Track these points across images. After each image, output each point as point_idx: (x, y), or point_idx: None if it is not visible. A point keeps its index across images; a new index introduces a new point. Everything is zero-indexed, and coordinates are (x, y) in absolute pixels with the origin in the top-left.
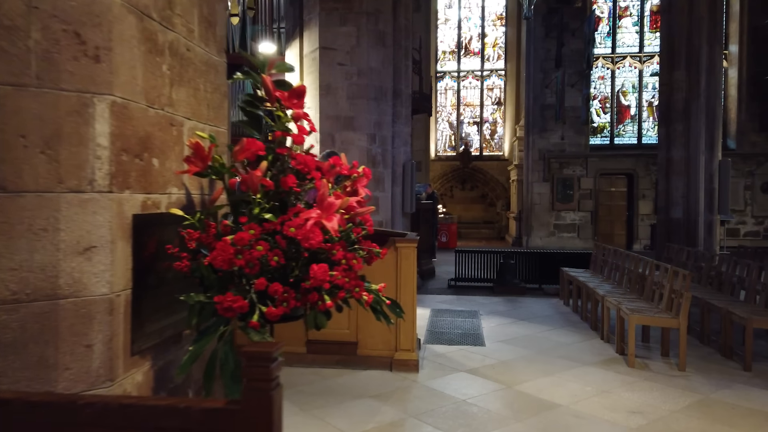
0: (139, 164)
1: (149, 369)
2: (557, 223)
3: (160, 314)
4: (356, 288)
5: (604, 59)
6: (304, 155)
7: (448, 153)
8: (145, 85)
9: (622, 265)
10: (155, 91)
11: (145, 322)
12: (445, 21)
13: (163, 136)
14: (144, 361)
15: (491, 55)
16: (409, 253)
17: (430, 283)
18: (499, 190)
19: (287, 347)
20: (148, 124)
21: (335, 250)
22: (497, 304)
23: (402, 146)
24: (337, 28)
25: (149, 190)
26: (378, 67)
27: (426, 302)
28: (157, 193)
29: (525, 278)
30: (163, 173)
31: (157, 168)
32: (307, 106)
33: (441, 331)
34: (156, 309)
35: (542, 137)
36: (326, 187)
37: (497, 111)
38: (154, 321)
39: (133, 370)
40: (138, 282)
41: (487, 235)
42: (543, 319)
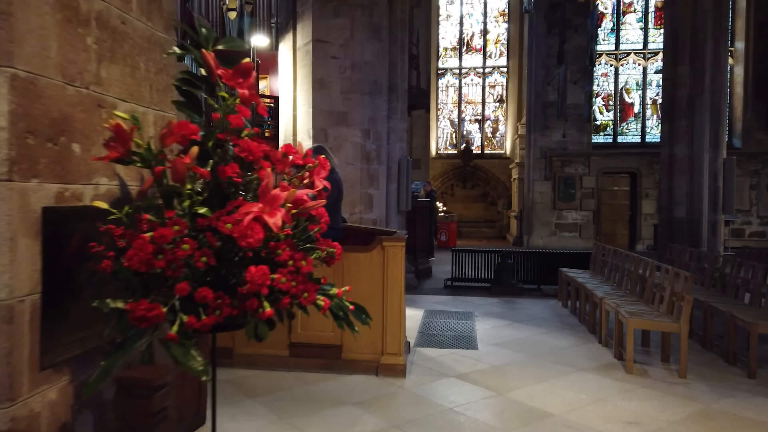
0: (52, 149)
1: (67, 385)
2: (559, 222)
3: (84, 321)
4: (304, 293)
5: (608, 56)
6: (249, 141)
7: (449, 151)
8: (62, 59)
9: (622, 266)
10: (76, 66)
11: (61, 331)
12: (446, 17)
13: (87, 118)
14: (60, 376)
15: (493, 52)
16: (396, 253)
17: (426, 282)
18: (500, 188)
19: (269, 350)
20: (65, 104)
21: (280, 250)
22: (493, 305)
23: (397, 142)
24: (331, 20)
25: (67, 180)
26: (373, 60)
27: (420, 303)
28: (79, 183)
29: (523, 278)
30: (87, 161)
31: (78, 154)
32: (301, 101)
33: (433, 334)
34: (78, 315)
35: (544, 135)
36: (270, 178)
37: (499, 108)
38: (74, 329)
39: (44, 386)
40: (51, 285)
41: (488, 234)
42: (539, 322)
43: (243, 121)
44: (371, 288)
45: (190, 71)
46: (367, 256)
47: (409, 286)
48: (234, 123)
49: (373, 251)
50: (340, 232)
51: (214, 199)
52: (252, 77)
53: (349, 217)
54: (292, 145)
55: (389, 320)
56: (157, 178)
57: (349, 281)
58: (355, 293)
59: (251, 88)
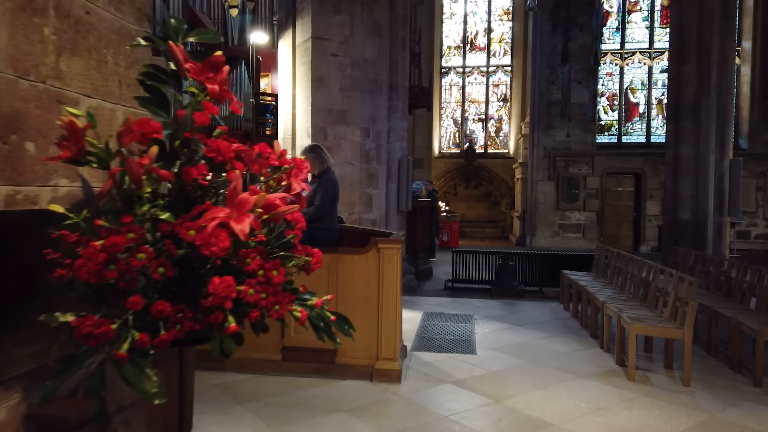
0: (1, 148)
1: (18, 403)
2: (562, 223)
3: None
4: (275, 306)
5: (613, 55)
6: (218, 141)
7: (452, 150)
8: (14, 50)
9: (625, 269)
10: (31, 58)
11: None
12: (450, 15)
13: (43, 115)
14: (9, 394)
15: (497, 51)
16: (392, 255)
17: (426, 284)
18: (503, 188)
19: (261, 354)
20: (18, 99)
21: (249, 259)
22: (494, 308)
23: (398, 141)
24: (331, 17)
25: (20, 181)
26: (373, 58)
27: (419, 305)
28: (34, 184)
29: (524, 280)
30: (44, 161)
31: (32, 154)
32: (300, 99)
33: (431, 337)
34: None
35: (547, 135)
36: (239, 180)
37: (503, 108)
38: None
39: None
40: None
41: (491, 234)
42: (540, 325)
43: (209, 119)
44: (366, 291)
45: (155, 65)
46: (363, 258)
47: (408, 287)
48: (198, 121)
49: (368, 253)
50: (336, 233)
51: (180, 204)
52: (224, 72)
53: (348, 217)
54: (290, 144)
55: (384, 324)
56: (116, 181)
57: (343, 284)
58: (349, 296)
59: (223, 83)
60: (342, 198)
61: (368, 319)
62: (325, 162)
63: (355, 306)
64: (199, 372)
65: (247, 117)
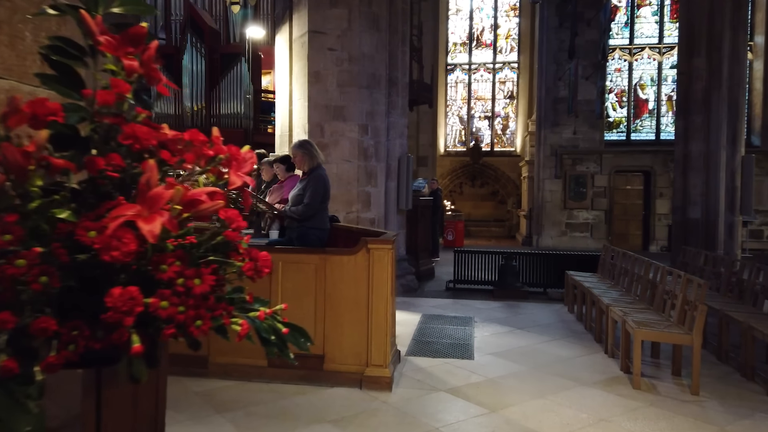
0: None
1: None
2: (569, 222)
3: None
4: (197, 321)
5: (621, 50)
6: (136, 126)
7: (458, 148)
8: None
9: (632, 270)
10: None
11: None
12: (456, 11)
13: None
14: None
15: (504, 47)
16: (382, 256)
17: (427, 285)
18: (510, 187)
19: (246, 359)
20: None
21: (165, 265)
22: (495, 310)
23: (397, 138)
24: (328, 10)
25: None
26: (371, 52)
27: (419, 306)
28: None
29: (528, 281)
30: None
31: None
32: (296, 95)
33: (428, 341)
34: None
35: (554, 132)
36: (153, 172)
37: (509, 105)
38: None
39: None
40: None
41: (497, 233)
42: (543, 329)
43: (114, 98)
44: (355, 294)
45: (62, 37)
46: (351, 259)
47: (408, 288)
48: (101, 100)
49: (357, 254)
50: (326, 232)
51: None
52: (151, 48)
53: (346, 216)
54: (287, 141)
55: (375, 329)
56: None
57: (331, 286)
58: (338, 299)
59: (150, 61)
60: (340, 196)
61: (357, 323)
62: (315, 158)
63: (344, 309)
64: (182, 378)
65: (247, 115)
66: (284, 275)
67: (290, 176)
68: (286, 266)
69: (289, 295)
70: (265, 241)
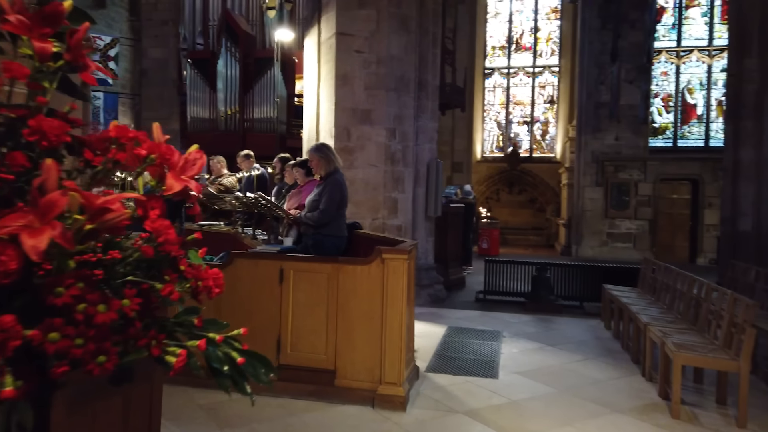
0: None
1: None
2: (611, 231)
3: None
4: (99, 357)
5: (668, 53)
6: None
7: (495, 154)
8: None
9: (673, 286)
10: None
11: None
12: (494, 14)
13: None
14: None
15: (544, 51)
16: (398, 266)
17: (457, 295)
18: (549, 194)
19: None
20: None
21: (62, 288)
22: (526, 324)
23: (426, 143)
24: (356, 11)
25: None
26: (400, 54)
27: (445, 318)
28: None
29: (563, 294)
30: None
31: None
32: (323, 99)
33: (451, 356)
34: None
35: (595, 138)
36: (51, 173)
37: (549, 110)
38: None
39: None
40: None
41: (535, 242)
42: (576, 346)
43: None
44: (369, 306)
45: None
46: (365, 269)
47: (436, 298)
48: None
49: (371, 264)
50: (343, 240)
51: None
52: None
53: (372, 222)
54: None
55: (389, 345)
56: None
57: (344, 298)
58: (350, 312)
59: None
60: (365, 202)
61: (371, 337)
62: (332, 162)
63: (357, 322)
64: (188, 388)
65: (280, 119)
66: (295, 285)
67: (309, 181)
68: (298, 275)
69: (300, 306)
70: (277, 248)
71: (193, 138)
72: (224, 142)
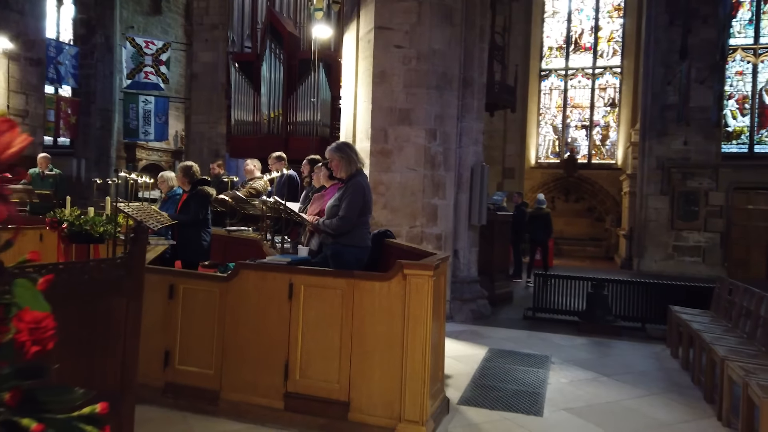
0: None
1: None
2: (677, 244)
3: None
4: None
5: (744, 51)
6: None
7: (550, 160)
8: None
9: (756, 311)
10: None
11: None
12: (552, 14)
13: None
14: None
15: (605, 51)
16: (421, 284)
17: (503, 311)
18: (609, 203)
19: (261, 398)
20: None
21: None
22: (579, 348)
23: (471, 145)
24: (396, 3)
25: None
26: (443, 49)
27: (487, 338)
28: None
29: (622, 313)
30: None
31: None
32: (361, 98)
33: (489, 385)
34: None
35: (661, 143)
36: None
37: (610, 113)
38: None
39: None
40: None
41: (593, 253)
42: (637, 378)
43: None
44: (388, 330)
45: None
46: (384, 286)
47: (479, 314)
48: None
49: (391, 281)
50: (366, 251)
51: None
52: None
53: (409, 230)
54: None
55: (410, 376)
56: None
57: (359, 319)
58: (367, 336)
59: None
60: (402, 209)
61: (390, 366)
62: (354, 163)
63: (375, 348)
64: (187, 414)
65: (324, 122)
66: (306, 301)
67: (334, 184)
68: (309, 291)
69: (311, 326)
70: (287, 259)
71: (236, 141)
72: (267, 145)
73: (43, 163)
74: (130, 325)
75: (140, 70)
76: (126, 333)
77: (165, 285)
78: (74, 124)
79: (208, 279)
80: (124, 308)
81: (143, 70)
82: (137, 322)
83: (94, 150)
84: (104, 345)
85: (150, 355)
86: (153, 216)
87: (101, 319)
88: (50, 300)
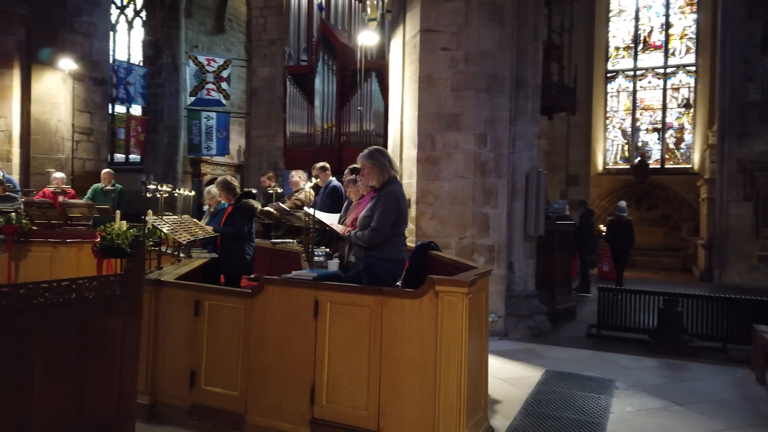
0: None
1: None
2: (763, 254)
3: None
4: None
5: None
6: None
7: (619, 165)
8: None
9: None
10: None
11: None
12: (618, 12)
13: None
14: None
15: (677, 49)
16: (455, 303)
17: (564, 328)
18: (685, 210)
19: (284, 425)
20: None
21: None
22: (649, 372)
23: (525, 150)
24: (442, 4)
25: None
26: (492, 50)
27: (544, 358)
28: None
29: (699, 332)
30: None
31: None
32: (407, 104)
33: (543, 413)
34: None
35: (742, 144)
36: None
37: (685, 115)
38: None
39: None
40: None
41: (668, 264)
42: (716, 407)
43: None
44: (419, 353)
45: None
46: (415, 304)
47: (537, 332)
48: None
49: (422, 298)
50: (401, 264)
51: None
52: None
53: (459, 241)
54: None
55: (444, 404)
56: None
57: (389, 340)
58: (397, 359)
59: None
60: (451, 219)
61: (422, 392)
62: (387, 171)
63: (405, 372)
64: None
65: (378, 132)
66: (332, 320)
67: (370, 192)
68: (335, 308)
69: (338, 347)
70: (313, 274)
71: (291, 154)
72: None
73: (106, 178)
74: (127, 348)
75: (202, 87)
76: (123, 356)
77: (191, 301)
78: (143, 141)
79: (233, 295)
80: (120, 329)
81: (205, 87)
82: (135, 344)
83: (162, 166)
84: (97, 369)
85: (176, 374)
86: (189, 229)
87: (93, 341)
88: (30, 321)
